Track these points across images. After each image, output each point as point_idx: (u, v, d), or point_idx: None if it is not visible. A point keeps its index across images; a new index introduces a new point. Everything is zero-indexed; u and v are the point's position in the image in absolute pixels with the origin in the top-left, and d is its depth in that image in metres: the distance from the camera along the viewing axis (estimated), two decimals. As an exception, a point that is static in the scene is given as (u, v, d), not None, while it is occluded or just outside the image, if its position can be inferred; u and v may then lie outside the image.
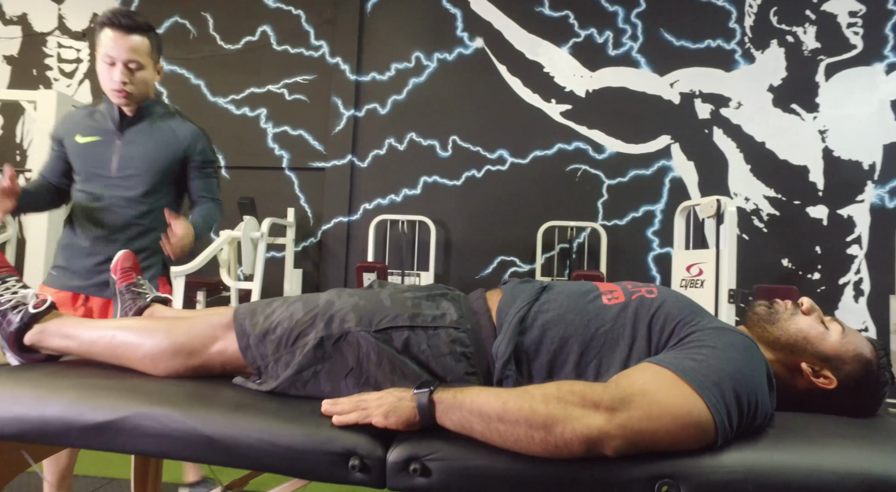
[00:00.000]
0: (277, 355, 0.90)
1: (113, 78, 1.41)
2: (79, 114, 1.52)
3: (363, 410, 0.77)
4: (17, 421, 0.82)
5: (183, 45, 4.71)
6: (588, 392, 0.70)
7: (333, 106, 4.46)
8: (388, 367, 0.87)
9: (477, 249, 4.34)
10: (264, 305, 0.97)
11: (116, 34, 1.38)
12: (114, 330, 0.97)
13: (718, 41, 4.11)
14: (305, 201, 4.53)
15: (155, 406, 0.80)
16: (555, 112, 4.31)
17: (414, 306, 0.93)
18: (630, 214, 4.18)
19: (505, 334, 0.89)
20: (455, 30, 4.43)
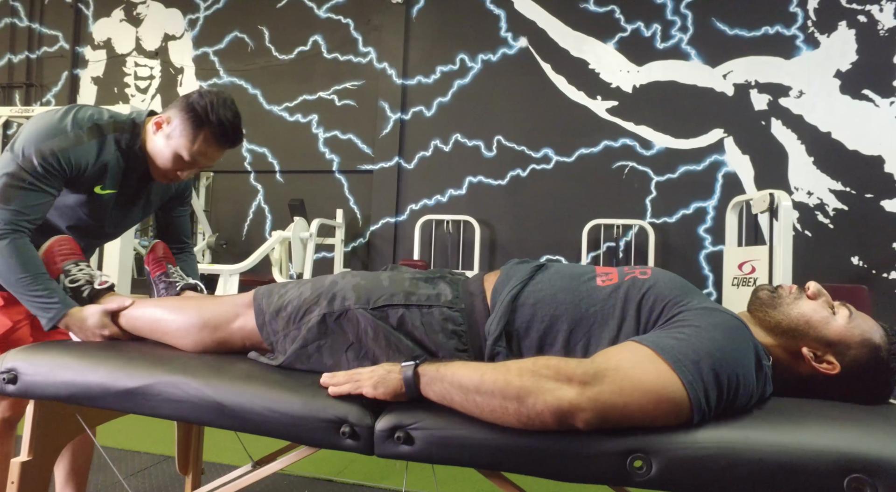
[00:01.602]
0: (286, 331, 0.98)
1: (182, 173, 1.22)
2: (85, 154, 1.15)
3: (356, 382, 0.83)
4: (67, 385, 0.93)
5: (242, 57, 5.00)
6: (562, 366, 0.72)
7: (381, 110, 4.60)
8: (383, 342, 0.93)
9: (522, 248, 4.33)
10: (280, 286, 1.06)
11: (217, 148, 1.19)
12: (154, 307, 1.11)
13: (777, 27, 3.91)
14: (354, 203, 4.69)
15: (177, 375, 0.89)
16: (601, 109, 4.24)
17: (411, 286, 0.98)
18: (680, 211, 4.04)
19: (497, 313, 0.92)
20: (499, 30, 4.45)
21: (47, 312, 1.08)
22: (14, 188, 1.08)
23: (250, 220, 4.94)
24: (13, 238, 1.07)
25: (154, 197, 1.35)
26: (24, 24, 5.53)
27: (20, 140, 1.11)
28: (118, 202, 1.27)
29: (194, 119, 1.14)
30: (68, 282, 1.15)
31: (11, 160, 1.10)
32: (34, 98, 5.43)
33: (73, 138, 1.13)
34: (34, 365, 0.96)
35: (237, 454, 1.87)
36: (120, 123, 1.22)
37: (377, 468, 1.94)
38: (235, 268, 3.47)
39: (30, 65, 5.49)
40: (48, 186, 1.12)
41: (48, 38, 5.47)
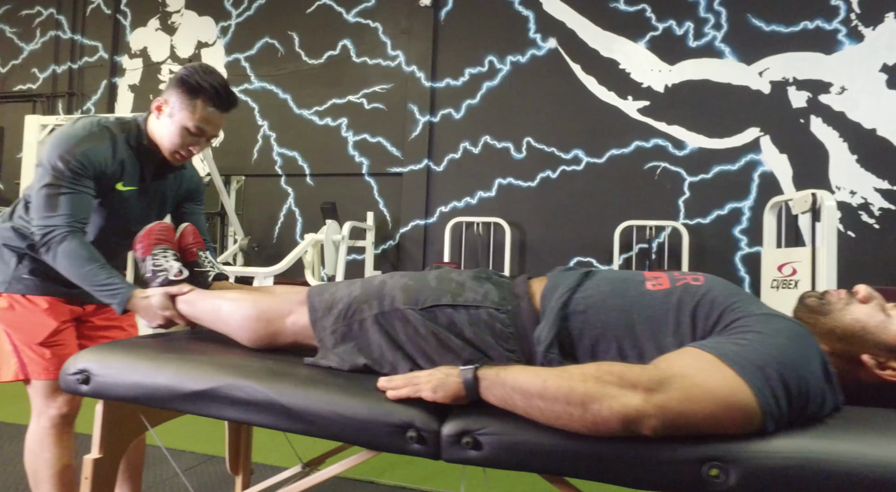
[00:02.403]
0: (335, 327, 1.01)
1: (191, 148, 1.28)
2: (102, 151, 1.23)
3: (414, 385, 0.84)
4: (135, 387, 0.96)
5: (272, 63, 5.08)
6: (626, 372, 0.72)
7: (410, 113, 4.62)
8: (433, 341, 0.95)
9: (552, 250, 4.31)
10: (332, 285, 1.10)
11: (216, 111, 1.25)
12: (214, 297, 1.17)
13: (818, 22, 3.81)
14: (384, 205, 4.73)
15: (241, 379, 0.91)
16: (632, 109, 4.19)
17: (458, 287, 1.00)
18: (714, 211, 3.97)
19: (548, 320, 0.92)
20: (528, 31, 4.44)
21: (115, 297, 1.16)
22: (55, 196, 1.17)
23: (281, 223, 5.01)
24: (72, 238, 1.16)
25: (169, 194, 1.43)
26: (67, 36, 5.72)
27: (44, 154, 1.21)
28: (140, 199, 1.35)
29: (190, 90, 1.23)
30: (151, 265, 1.22)
31: (43, 173, 1.19)
32: (75, 107, 5.61)
33: (87, 139, 1.22)
34: (104, 366, 1.00)
35: (284, 455, 1.91)
36: (124, 123, 1.31)
37: (418, 471, 1.95)
38: (269, 270, 3.53)
39: (72, 75, 5.67)
40: (83, 187, 1.21)
41: (89, 49, 5.65)
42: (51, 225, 1.16)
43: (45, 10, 5.82)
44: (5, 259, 1.28)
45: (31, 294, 1.28)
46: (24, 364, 1.26)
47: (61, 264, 1.17)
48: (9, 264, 1.28)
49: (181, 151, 1.29)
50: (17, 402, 2.67)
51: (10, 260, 1.28)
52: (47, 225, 1.16)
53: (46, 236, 1.16)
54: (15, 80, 5.87)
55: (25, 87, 5.81)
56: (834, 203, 2.85)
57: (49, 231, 1.16)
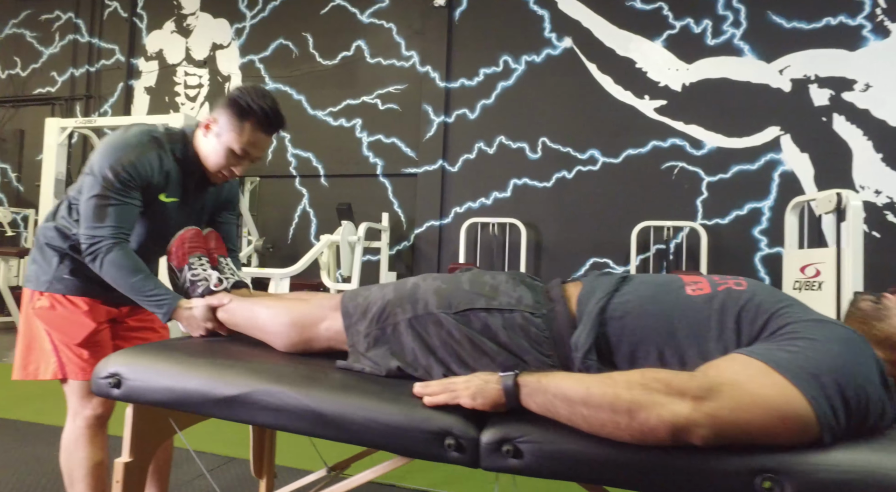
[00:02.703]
0: (368, 331, 1.00)
1: (234, 168, 1.29)
2: (150, 161, 1.24)
3: (452, 392, 0.83)
4: (167, 391, 0.96)
5: (286, 64, 5.10)
6: (673, 380, 0.70)
7: (424, 113, 4.61)
8: (468, 345, 0.94)
9: (568, 251, 4.27)
10: (364, 290, 1.09)
11: (263, 135, 1.25)
12: (250, 304, 1.17)
13: (840, 17, 3.74)
14: (399, 206, 4.72)
15: (273, 384, 0.90)
16: (648, 108, 4.15)
17: (491, 290, 0.98)
18: (733, 212, 3.92)
19: (585, 325, 0.90)
20: (543, 31, 4.41)
21: (161, 307, 1.18)
22: (104, 207, 1.19)
23: (295, 224, 5.03)
24: (118, 249, 1.18)
25: (208, 203, 1.44)
26: (84, 39, 5.78)
27: (95, 162, 1.22)
28: (180, 209, 1.35)
29: (239, 112, 1.23)
30: (190, 275, 1.23)
31: (93, 182, 1.20)
32: (93, 109, 5.67)
33: (136, 150, 1.23)
34: (136, 370, 0.99)
35: (308, 458, 1.90)
36: (173, 134, 1.32)
37: (440, 474, 1.94)
38: (286, 272, 3.54)
39: (89, 78, 5.73)
40: (130, 198, 1.22)
41: (106, 52, 5.71)
42: (98, 235, 1.18)
43: (63, 14, 5.89)
44: (47, 259, 1.30)
45: (71, 294, 1.29)
46: (63, 364, 1.28)
47: (108, 274, 1.18)
48: (51, 264, 1.29)
49: (224, 171, 1.30)
50: (48, 401, 2.69)
51: (53, 259, 1.29)
52: (94, 235, 1.18)
53: (93, 246, 1.18)
54: (35, 83, 5.95)
55: (45, 90, 5.89)
56: (860, 203, 2.80)
57: (96, 241, 1.18)
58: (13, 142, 5.98)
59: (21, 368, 1.31)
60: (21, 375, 1.30)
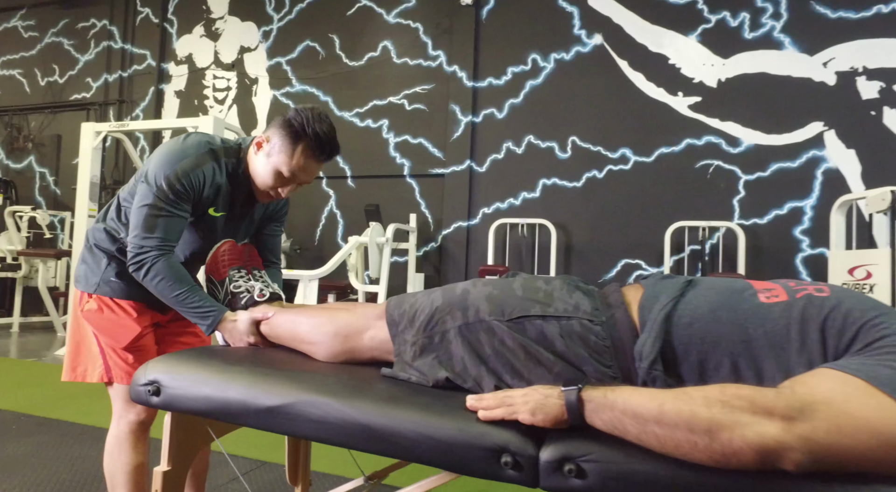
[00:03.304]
0: (416, 339, 0.96)
1: (281, 191, 1.25)
2: (204, 174, 1.21)
3: (509, 406, 0.78)
4: (206, 400, 0.93)
5: (313, 65, 5.11)
6: (758, 397, 0.63)
7: (451, 113, 4.57)
8: (522, 354, 0.89)
9: (599, 252, 4.18)
10: (409, 296, 1.05)
11: (313, 162, 1.21)
12: (293, 316, 1.15)
13: (893, 5, 3.57)
14: (426, 207, 4.69)
15: (316, 395, 0.86)
16: (682, 106, 4.03)
17: (546, 297, 0.93)
18: (772, 211, 3.78)
19: (650, 333, 0.84)
20: (572, 28, 4.33)
21: (206, 319, 1.17)
22: (155, 218, 1.17)
23: (322, 225, 5.04)
24: (164, 260, 1.17)
25: (256, 216, 1.41)
26: (118, 45, 5.90)
27: (151, 169, 1.20)
28: (227, 223, 1.33)
29: (292, 134, 1.19)
30: (232, 287, 1.22)
31: (148, 191, 1.18)
32: (125, 113, 5.78)
33: (194, 160, 1.21)
34: (175, 378, 0.97)
35: (344, 465, 1.87)
36: (229, 147, 1.29)
37: (478, 485, 1.89)
38: (314, 273, 3.53)
39: (122, 83, 5.85)
40: (181, 211, 1.21)
41: (138, 57, 5.81)
42: (146, 246, 1.17)
43: (98, 21, 6.02)
44: (96, 260, 1.29)
45: (119, 298, 1.28)
46: (109, 367, 1.27)
47: (153, 285, 1.17)
48: (99, 266, 1.29)
49: (270, 191, 1.26)
50: (91, 402, 2.73)
51: (101, 261, 1.29)
52: (142, 245, 1.17)
53: (139, 256, 1.17)
54: (71, 89, 6.10)
55: (80, 96, 6.03)
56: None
57: (143, 251, 1.17)
58: (51, 147, 6.14)
59: (70, 369, 1.31)
60: (70, 376, 1.31)
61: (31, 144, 6.21)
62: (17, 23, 6.42)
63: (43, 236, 5.58)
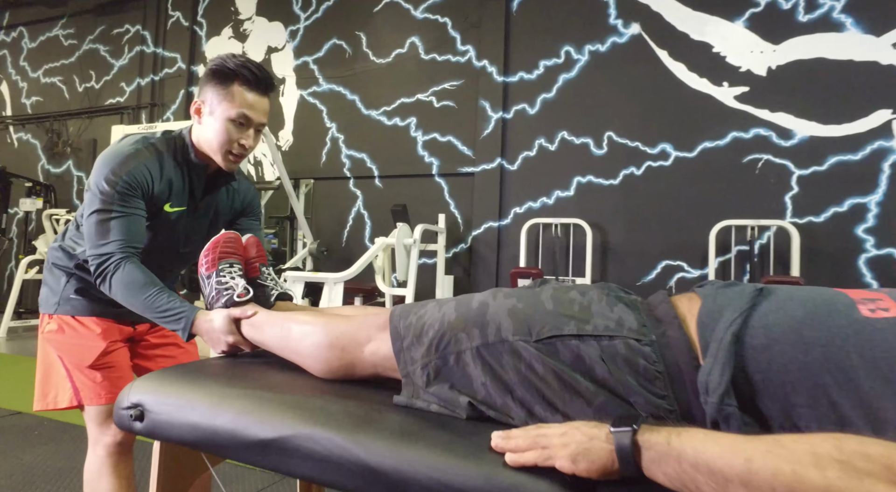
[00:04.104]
0: (427, 360, 0.81)
1: (245, 141, 1.16)
2: (148, 168, 1.13)
3: (543, 448, 0.62)
4: (192, 429, 0.80)
5: (340, 64, 5.03)
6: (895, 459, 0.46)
7: (481, 109, 4.41)
8: (555, 382, 0.73)
9: (638, 253, 3.95)
10: (418, 307, 0.90)
11: (255, 95, 1.14)
12: (284, 322, 1.01)
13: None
14: (455, 207, 4.54)
15: (317, 427, 0.72)
16: (727, 97, 3.77)
17: (582, 311, 0.76)
18: (831, 208, 3.48)
19: (717, 357, 0.67)
20: (607, 18, 4.12)
21: (178, 323, 1.05)
22: (106, 222, 1.08)
23: (350, 226, 4.95)
24: (126, 264, 1.07)
25: (222, 210, 1.31)
26: (150, 50, 5.96)
27: (92, 177, 1.12)
28: (188, 219, 1.24)
29: (222, 79, 1.14)
30: (216, 282, 1.10)
31: (92, 198, 1.10)
32: (157, 116, 5.84)
33: (132, 157, 1.13)
34: (161, 401, 0.84)
35: None
36: (170, 139, 1.20)
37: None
38: (339, 276, 3.42)
39: (154, 86, 5.91)
40: (134, 208, 1.11)
41: (169, 61, 5.86)
42: (104, 253, 1.07)
43: (132, 27, 6.10)
44: (56, 279, 1.23)
45: (80, 315, 1.20)
46: (77, 390, 1.19)
47: (119, 294, 1.07)
48: (59, 284, 1.22)
49: (232, 148, 1.16)
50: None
51: (60, 279, 1.22)
52: (101, 254, 1.08)
53: (101, 266, 1.07)
54: (106, 94, 6.20)
55: (115, 100, 6.12)
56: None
57: (103, 260, 1.07)
58: (87, 151, 6.25)
59: (41, 397, 1.22)
60: (41, 404, 1.21)
61: (69, 149, 6.34)
62: (58, 32, 6.57)
63: (78, 239, 5.67)
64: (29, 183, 5.78)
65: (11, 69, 6.84)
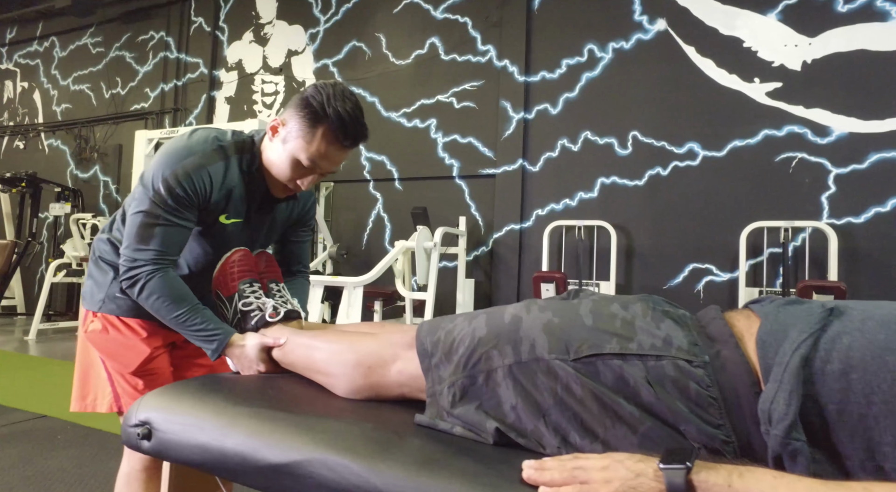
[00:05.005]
0: (454, 379, 0.74)
1: (302, 182, 1.07)
2: (211, 175, 1.05)
3: (582, 484, 0.55)
4: (201, 450, 0.75)
5: (359, 66, 5.01)
6: None
7: (502, 110, 4.34)
8: (595, 406, 0.66)
9: (664, 256, 3.83)
10: (446, 321, 0.84)
11: (336, 147, 1.03)
12: (311, 341, 0.98)
13: None
14: (476, 209, 4.47)
15: (332, 453, 0.66)
16: (759, 93, 3.63)
17: (625, 326, 0.70)
18: (872, 208, 3.32)
19: (781, 382, 0.59)
20: (632, 14, 4.01)
21: (211, 343, 1.01)
22: (150, 226, 1.01)
23: (370, 229, 4.91)
24: (160, 275, 1.01)
25: (279, 220, 1.22)
26: (173, 55, 6.04)
27: (149, 170, 1.03)
28: (243, 230, 1.16)
29: (310, 116, 1.01)
30: (241, 305, 1.06)
31: (144, 195, 1.02)
32: (180, 121, 5.90)
33: (200, 159, 1.04)
34: (169, 419, 0.80)
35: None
36: (241, 142, 1.11)
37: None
38: (359, 280, 3.39)
39: (177, 91, 5.97)
40: (183, 219, 1.03)
41: (191, 66, 5.92)
42: (139, 259, 1.01)
43: (156, 33, 6.19)
44: (102, 273, 1.15)
45: (125, 316, 1.13)
46: (118, 395, 1.14)
47: (150, 305, 1.02)
48: (105, 280, 1.14)
49: (288, 184, 1.08)
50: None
51: (107, 274, 1.14)
52: (136, 258, 1.01)
53: (132, 271, 1.02)
54: (131, 100, 6.29)
55: (139, 106, 6.21)
56: None
57: (136, 265, 1.01)
58: (113, 156, 6.36)
59: (79, 398, 1.17)
60: (79, 406, 1.16)
61: (96, 155, 6.46)
62: (87, 40, 6.71)
63: (104, 243, 5.76)
64: (58, 188, 5.90)
65: (43, 78, 7.00)
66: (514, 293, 4.23)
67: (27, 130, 6.96)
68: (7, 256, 5.21)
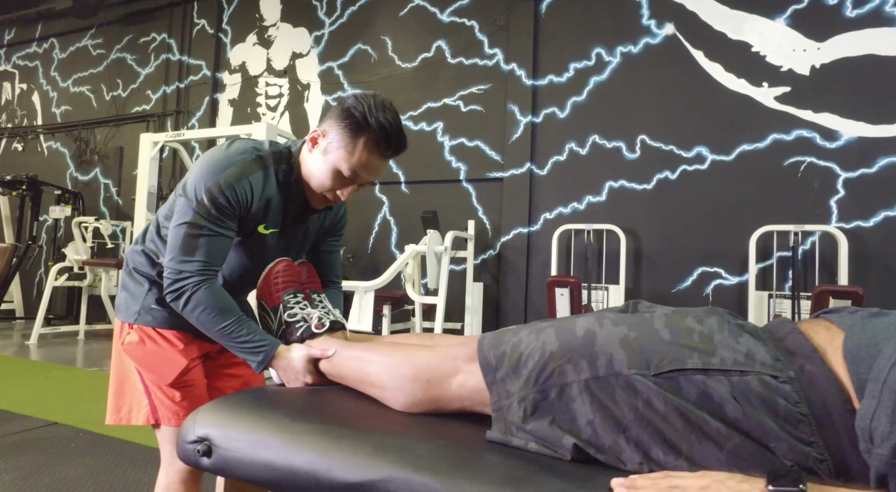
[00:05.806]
0: (524, 393, 0.73)
1: (342, 192, 1.08)
2: (251, 186, 1.05)
3: None
4: (268, 468, 0.74)
5: (365, 69, 5.00)
6: None
7: (510, 114, 4.34)
8: (679, 422, 0.65)
9: (673, 259, 3.84)
10: (509, 334, 0.83)
11: (377, 157, 1.03)
12: (363, 353, 0.96)
13: None
14: (483, 213, 4.46)
15: (410, 471, 0.65)
16: (767, 97, 3.65)
17: (704, 341, 0.69)
18: (881, 212, 3.34)
19: (881, 400, 0.58)
20: (640, 18, 4.02)
21: (257, 355, 1.00)
22: (195, 238, 1.00)
23: (376, 233, 4.90)
24: (206, 287, 1.00)
25: (312, 230, 1.22)
26: (176, 58, 6.00)
27: (191, 181, 1.02)
28: (279, 240, 1.16)
29: (352, 126, 1.01)
30: (286, 316, 1.05)
31: (187, 207, 1.01)
32: (182, 123, 5.86)
33: (240, 170, 1.04)
34: (230, 436, 0.78)
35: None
36: (278, 152, 1.11)
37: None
38: (370, 285, 3.37)
39: (179, 94, 5.94)
40: (226, 229, 1.03)
41: (194, 68, 5.88)
42: (185, 271, 1.00)
43: (158, 35, 6.15)
44: (137, 285, 1.14)
45: (162, 328, 1.12)
46: (155, 407, 1.12)
47: (195, 317, 1.00)
48: (140, 292, 1.13)
49: (327, 194, 1.08)
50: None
51: (143, 286, 1.13)
52: (181, 270, 1.00)
53: (178, 283, 1.00)
54: (133, 102, 6.25)
55: (141, 108, 6.16)
56: None
57: (182, 277, 1.00)
58: (114, 159, 6.31)
59: (114, 411, 1.15)
60: (114, 419, 1.15)
61: (96, 157, 6.41)
62: (87, 42, 6.65)
63: (105, 246, 5.71)
64: (58, 191, 5.85)
65: (42, 79, 6.95)
66: (522, 297, 4.22)
67: (26, 132, 6.90)
68: (7, 260, 5.15)
